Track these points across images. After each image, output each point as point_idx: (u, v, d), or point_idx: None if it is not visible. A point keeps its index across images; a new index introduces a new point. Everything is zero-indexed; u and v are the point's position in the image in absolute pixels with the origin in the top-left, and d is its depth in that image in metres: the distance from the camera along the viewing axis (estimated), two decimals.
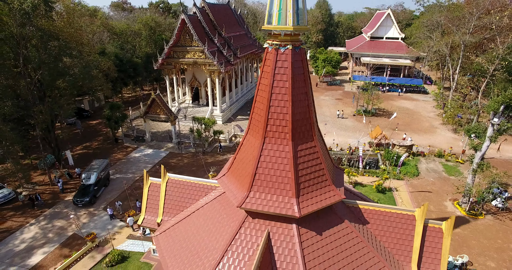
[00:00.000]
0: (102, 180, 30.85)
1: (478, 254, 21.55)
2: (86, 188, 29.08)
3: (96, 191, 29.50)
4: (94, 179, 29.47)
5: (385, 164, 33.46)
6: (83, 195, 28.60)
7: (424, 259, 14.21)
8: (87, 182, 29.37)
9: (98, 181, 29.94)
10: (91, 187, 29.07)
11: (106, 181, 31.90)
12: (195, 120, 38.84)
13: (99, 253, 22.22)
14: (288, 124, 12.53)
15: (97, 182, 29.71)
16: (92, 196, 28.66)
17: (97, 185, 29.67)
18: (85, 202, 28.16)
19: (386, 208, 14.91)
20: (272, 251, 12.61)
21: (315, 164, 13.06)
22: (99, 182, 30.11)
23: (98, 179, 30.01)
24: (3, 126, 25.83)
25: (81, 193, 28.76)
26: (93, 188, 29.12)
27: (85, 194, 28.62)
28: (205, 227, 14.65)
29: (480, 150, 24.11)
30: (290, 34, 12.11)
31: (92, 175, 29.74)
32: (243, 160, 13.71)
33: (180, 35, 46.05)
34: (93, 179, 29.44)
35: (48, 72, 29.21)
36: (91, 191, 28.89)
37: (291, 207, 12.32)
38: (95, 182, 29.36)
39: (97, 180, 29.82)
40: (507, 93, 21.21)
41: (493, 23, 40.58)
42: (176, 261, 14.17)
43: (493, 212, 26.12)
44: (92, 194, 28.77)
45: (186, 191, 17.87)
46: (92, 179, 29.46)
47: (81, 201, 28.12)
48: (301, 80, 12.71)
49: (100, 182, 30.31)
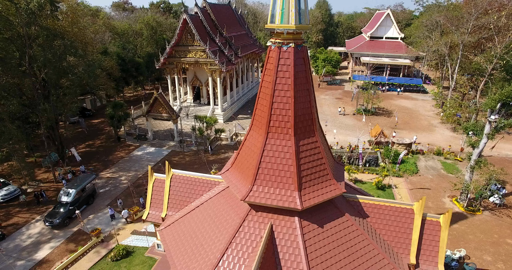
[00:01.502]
0: (83, 198, 27.58)
1: (475, 248, 22.02)
2: (60, 206, 25.82)
3: (72, 211, 25.65)
4: (72, 197, 26.20)
5: (385, 162, 33.91)
6: (54, 214, 25.20)
7: (423, 251, 14.64)
8: (63, 200, 26.21)
9: (77, 199, 26.56)
10: (67, 206, 25.66)
11: (90, 199, 28.55)
12: (197, 118, 39.28)
13: (104, 248, 22.65)
14: (291, 120, 12.95)
15: (75, 200, 26.37)
16: (64, 217, 25.12)
17: (75, 203, 26.24)
18: (55, 223, 24.57)
19: (385, 202, 15.34)
20: (275, 243, 13.02)
21: (316, 158, 13.48)
22: (78, 200, 26.74)
23: (77, 197, 26.77)
24: (9, 124, 26.27)
25: (53, 212, 25.49)
26: (68, 207, 25.57)
27: (56, 214, 25.17)
28: (209, 220, 15.06)
29: (478, 147, 24.57)
30: (293, 32, 12.54)
31: (70, 192, 26.46)
32: (246, 155, 14.12)
33: (182, 35, 46.47)
34: (70, 196, 26.23)
35: (53, 71, 29.62)
36: (65, 211, 25.38)
37: (293, 200, 12.74)
38: (72, 200, 26.08)
39: (76, 198, 26.52)
40: (503, 91, 21.66)
41: (491, 23, 41.04)
42: (181, 253, 14.57)
43: (490, 208, 26.57)
44: (65, 214, 25.23)
45: (190, 187, 18.29)
46: (69, 196, 26.25)
47: (51, 222, 24.60)
48: (303, 77, 13.14)
49: (79, 200, 26.98)
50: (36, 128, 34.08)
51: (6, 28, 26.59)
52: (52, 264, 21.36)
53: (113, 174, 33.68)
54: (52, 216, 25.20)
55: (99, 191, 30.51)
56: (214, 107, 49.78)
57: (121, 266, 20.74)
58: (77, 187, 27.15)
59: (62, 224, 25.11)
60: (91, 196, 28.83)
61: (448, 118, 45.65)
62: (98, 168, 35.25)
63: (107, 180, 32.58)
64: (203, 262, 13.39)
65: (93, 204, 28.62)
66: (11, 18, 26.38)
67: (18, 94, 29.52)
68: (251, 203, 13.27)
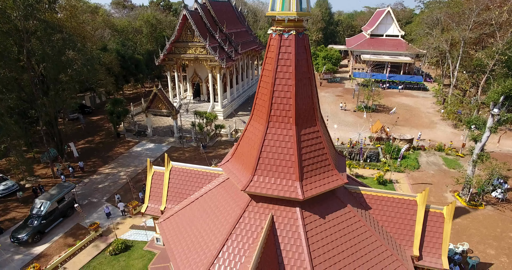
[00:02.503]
0: (59, 211, 24.65)
1: (478, 242, 21.81)
2: (30, 220, 23.05)
3: (44, 225, 23.23)
4: (45, 209, 23.37)
5: (386, 157, 33.69)
6: (22, 230, 22.36)
7: (426, 243, 14.43)
8: (35, 212, 23.48)
9: (50, 212, 23.76)
10: (38, 220, 22.87)
11: (68, 211, 25.56)
12: (197, 114, 39.04)
13: (102, 242, 22.44)
14: (292, 108, 12.71)
15: (48, 213, 23.58)
16: (34, 233, 22.36)
17: (48, 217, 23.49)
18: (22, 240, 21.78)
19: (387, 194, 15.12)
20: (276, 234, 12.79)
21: (318, 148, 13.25)
22: (52, 213, 23.92)
23: (52, 210, 23.92)
24: (7, 119, 26.01)
25: (22, 227, 22.74)
26: (40, 221, 22.83)
27: (24, 230, 22.31)
28: (209, 212, 14.84)
29: (480, 141, 24.35)
30: (294, 20, 12.31)
31: (44, 204, 23.66)
32: (247, 145, 13.88)
33: (182, 31, 46.23)
34: (43, 209, 23.44)
35: (52, 65, 29.35)
36: (36, 226, 22.63)
37: (294, 190, 12.51)
38: (44, 214, 23.27)
39: (50, 211, 23.72)
40: (507, 83, 21.42)
41: (493, 18, 40.78)
42: (181, 245, 14.35)
43: (493, 203, 26.35)
44: (35, 230, 22.46)
45: (189, 179, 18.08)
46: (42, 209, 23.49)
47: (17, 239, 21.80)
48: (305, 65, 12.91)
49: (54, 213, 24.11)
50: (34, 123, 33.80)
51: (4, 21, 26.30)
52: (50, 258, 21.15)
53: (112, 170, 33.47)
54: (20, 231, 22.21)
55: (98, 186, 30.29)
56: (214, 104, 49.54)
57: (120, 260, 20.54)
58: (52, 199, 24.16)
59: (32, 240, 22.25)
60: (70, 208, 25.74)
61: (449, 115, 45.43)
62: (97, 163, 35.04)
63: (106, 175, 32.37)
64: (203, 253, 13.16)
65: (90, 198, 28.26)
66: (8, 11, 26.10)
67: (17, 89, 29.25)
68: (252, 193, 13.05)
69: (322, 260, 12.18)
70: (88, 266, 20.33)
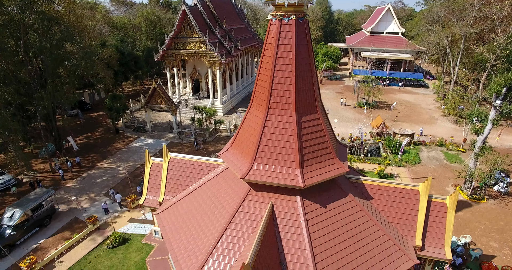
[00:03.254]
0: (35, 220, 22.36)
1: (480, 235, 21.57)
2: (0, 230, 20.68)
3: (16, 237, 20.93)
4: (16, 219, 21.00)
5: (387, 152, 33.45)
6: None
7: (428, 233, 14.18)
8: (4, 223, 21.03)
9: (23, 222, 21.38)
10: (8, 231, 20.58)
11: (46, 220, 23.24)
12: (196, 109, 38.76)
13: (100, 236, 22.16)
14: (292, 95, 12.45)
15: (21, 223, 21.26)
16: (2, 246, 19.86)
17: (19, 228, 21.10)
18: None
19: (389, 183, 14.86)
20: (276, 223, 12.53)
21: (319, 136, 12.99)
22: (26, 222, 21.58)
23: (25, 219, 21.54)
24: (4, 112, 25.70)
25: None
26: (10, 233, 20.52)
27: None
28: (208, 202, 14.58)
29: (482, 134, 24.08)
30: (294, 4, 12.03)
31: (15, 212, 21.35)
32: (246, 133, 13.62)
33: (181, 27, 45.93)
34: (14, 219, 21.09)
35: (49, 58, 29.02)
36: (5, 237, 20.37)
37: (295, 178, 12.24)
38: (16, 223, 20.93)
39: (22, 221, 21.33)
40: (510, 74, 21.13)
41: (494, 13, 40.50)
42: (179, 236, 14.08)
43: (495, 196, 26.10)
44: (3, 243, 20.09)
45: (188, 170, 17.81)
46: (12, 218, 21.12)
47: None
48: (305, 51, 12.64)
49: (28, 222, 21.77)
50: (32, 118, 33.49)
51: (0, 13, 25.98)
52: (47, 251, 20.85)
53: (110, 165, 33.21)
54: None
55: (97, 181, 30.01)
56: (213, 100, 49.27)
57: (118, 253, 20.27)
58: (25, 207, 21.74)
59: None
60: (48, 217, 23.49)
61: (449, 111, 45.18)
62: (96, 159, 34.76)
63: (104, 170, 32.11)
64: (202, 243, 12.91)
65: (89, 192, 27.89)
66: (4, 2, 25.76)
67: (14, 82, 28.93)
68: (251, 181, 12.79)
69: (323, 249, 11.92)
70: (85, 259, 20.05)
